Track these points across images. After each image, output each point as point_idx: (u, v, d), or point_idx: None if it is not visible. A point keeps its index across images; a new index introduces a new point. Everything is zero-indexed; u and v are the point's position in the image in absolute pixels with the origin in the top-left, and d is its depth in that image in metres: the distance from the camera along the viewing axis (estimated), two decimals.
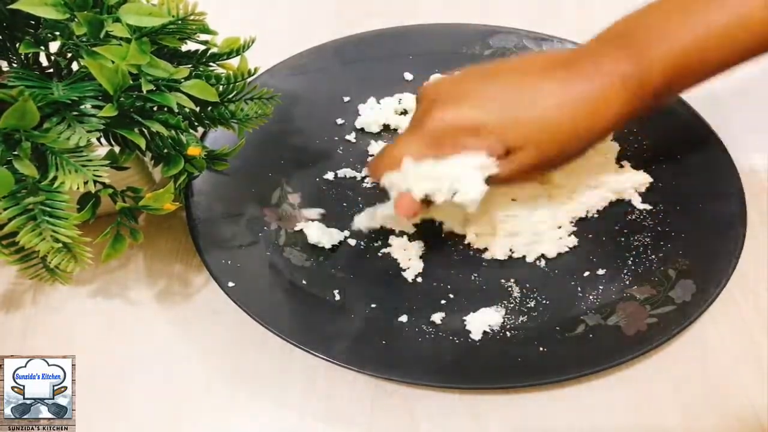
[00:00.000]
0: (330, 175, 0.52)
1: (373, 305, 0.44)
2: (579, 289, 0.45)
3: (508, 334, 0.42)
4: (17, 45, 0.38)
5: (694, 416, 0.40)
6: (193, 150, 0.41)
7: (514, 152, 0.41)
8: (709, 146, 0.50)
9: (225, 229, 0.46)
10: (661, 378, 0.41)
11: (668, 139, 0.51)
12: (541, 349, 0.41)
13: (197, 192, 0.46)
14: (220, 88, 0.42)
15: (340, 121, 0.55)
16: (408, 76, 0.58)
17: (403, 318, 0.43)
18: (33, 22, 0.39)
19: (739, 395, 0.41)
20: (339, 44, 0.58)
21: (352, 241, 0.48)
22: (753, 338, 0.43)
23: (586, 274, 0.46)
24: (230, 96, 0.43)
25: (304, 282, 0.45)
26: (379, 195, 0.50)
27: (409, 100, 0.56)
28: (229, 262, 0.43)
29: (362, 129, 0.55)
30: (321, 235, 0.47)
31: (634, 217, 0.48)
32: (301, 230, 0.47)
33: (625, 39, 0.42)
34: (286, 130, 0.53)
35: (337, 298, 0.44)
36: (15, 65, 0.40)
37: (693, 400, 0.41)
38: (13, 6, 0.34)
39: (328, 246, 0.47)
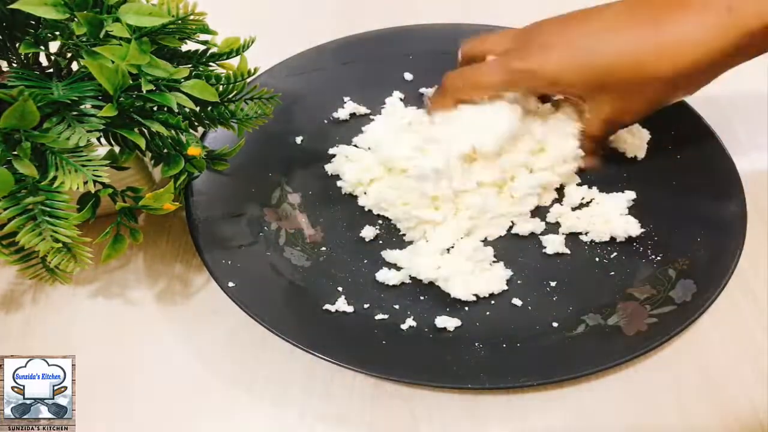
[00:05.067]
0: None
1: (373, 305, 0.44)
2: (579, 289, 0.45)
3: (508, 334, 0.42)
4: (17, 45, 0.38)
5: (694, 416, 0.40)
6: (193, 150, 0.41)
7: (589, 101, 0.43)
8: (709, 146, 0.50)
9: (225, 229, 0.46)
10: (661, 378, 0.41)
11: (668, 139, 0.51)
12: (541, 349, 0.41)
13: (197, 192, 0.46)
14: (220, 88, 0.42)
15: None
16: (408, 76, 0.57)
17: (403, 318, 0.43)
18: (33, 22, 0.39)
19: (739, 395, 0.41)
20: (339, 44, 0.58)
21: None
22: (753, 338, 0.43)
23: (586, 273, 0.46)
24: (230, 96, 0.43)
25: (304, 282, 0.45)
26: None
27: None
28: (229, 262, 0.43)
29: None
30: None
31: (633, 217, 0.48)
32: (301, 230, 0.48)
33: None
34: (286, 130, 0.53)
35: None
36: (15, 65, 0.40)
37: (693, 400, 0.41)
38: (13, 6, 0.34)
39: (395, 282, 0.45)
